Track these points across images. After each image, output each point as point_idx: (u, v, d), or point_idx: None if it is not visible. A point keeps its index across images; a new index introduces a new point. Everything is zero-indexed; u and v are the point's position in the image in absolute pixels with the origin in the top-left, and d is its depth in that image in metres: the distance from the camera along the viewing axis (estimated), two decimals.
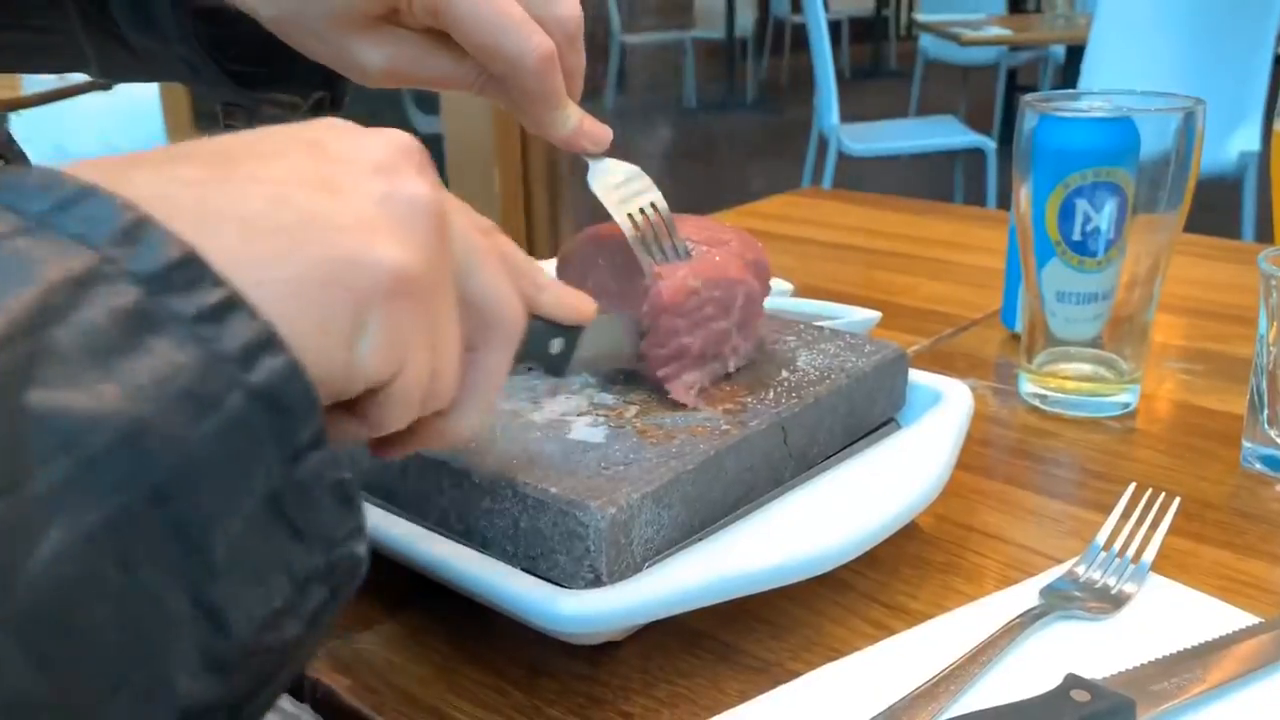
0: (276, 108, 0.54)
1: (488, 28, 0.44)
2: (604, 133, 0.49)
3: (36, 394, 0.21)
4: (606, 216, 0.50)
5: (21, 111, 2.57)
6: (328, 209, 0.29)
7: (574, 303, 0.40)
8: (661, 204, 0.50)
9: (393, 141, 0.32)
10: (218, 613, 0.24)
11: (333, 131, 0.32)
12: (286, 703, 0.44)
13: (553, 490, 0.42)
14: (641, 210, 0.49)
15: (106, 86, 2.61)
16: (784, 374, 0.53)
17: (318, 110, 0.56)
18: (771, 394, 0.51)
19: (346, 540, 0.27)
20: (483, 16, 0.44)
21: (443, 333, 0.32)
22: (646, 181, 0.50)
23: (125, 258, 0.23)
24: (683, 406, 0.49)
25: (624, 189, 0.50)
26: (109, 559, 0.22)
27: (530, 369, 0.44)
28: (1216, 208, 2.02)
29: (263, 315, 0.25)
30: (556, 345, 0.41)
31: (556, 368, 0.42)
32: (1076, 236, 0.64)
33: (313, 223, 0.28)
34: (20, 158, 0.54)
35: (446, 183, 0.40)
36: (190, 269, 0.24)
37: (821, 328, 0.59)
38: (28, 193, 0.24)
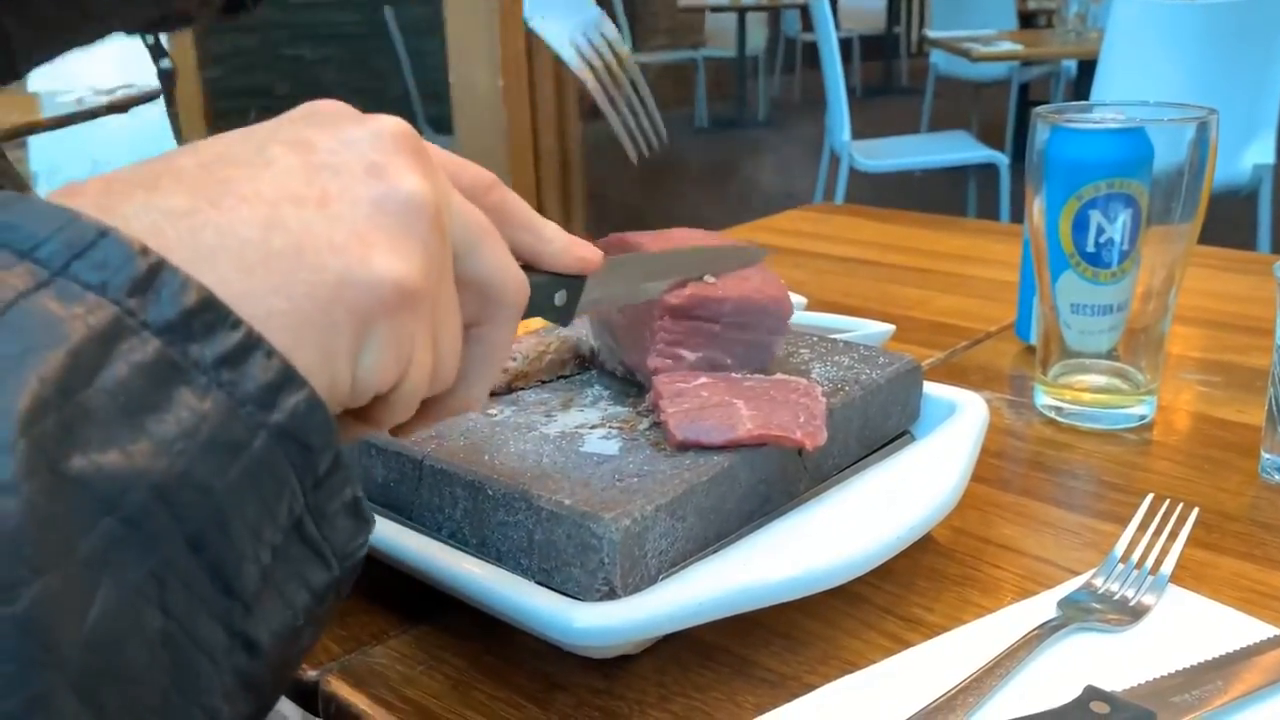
0: (185, 2, 0.52)
1: None
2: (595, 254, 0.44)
3: (76, 460, 0.22)
4: (620, 230, 0.50)
5: (40, 135, 2.59)
6: (321, 226, 0.28)
7: (579, 254, 0.39)
8: (610, 32, 0.47)
9: (382, 132, 0.31)
10: (251, 639, 0.25)
11: (318, 125, 0.31)
12: (299, 716, 0.44)
13: (566, 502, 0.42)
14: (593, 45, 0.46)
15: (123, 109, 2.64)
16: None
17: (236, 8, 0.55)
18: None
19: (358, 550, 0.28)
20: None
21: (444, 325, 0.32)
22: (591, 8, 0.47)
23: (144, 308, 0.24)
24: None
25: (568, 21, 0.46)
26: (153, 607, 0.23)
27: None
28: (1231, 221, 2.02)
29: (279, 352, 0.25)
30: (560, 298, 0.40)
31: (562, 318, 0.41)
32: (1090, 248, 0.64)
33: (307, 245, 0.28)
34: (17, 182, 0.54)
35: None
36: (208, 313, 0.24)
37: (835, 340, 0.59)
38: (38, 235, 0.24)
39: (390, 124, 0.32)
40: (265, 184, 0.28)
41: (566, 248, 0.39)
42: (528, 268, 0.37)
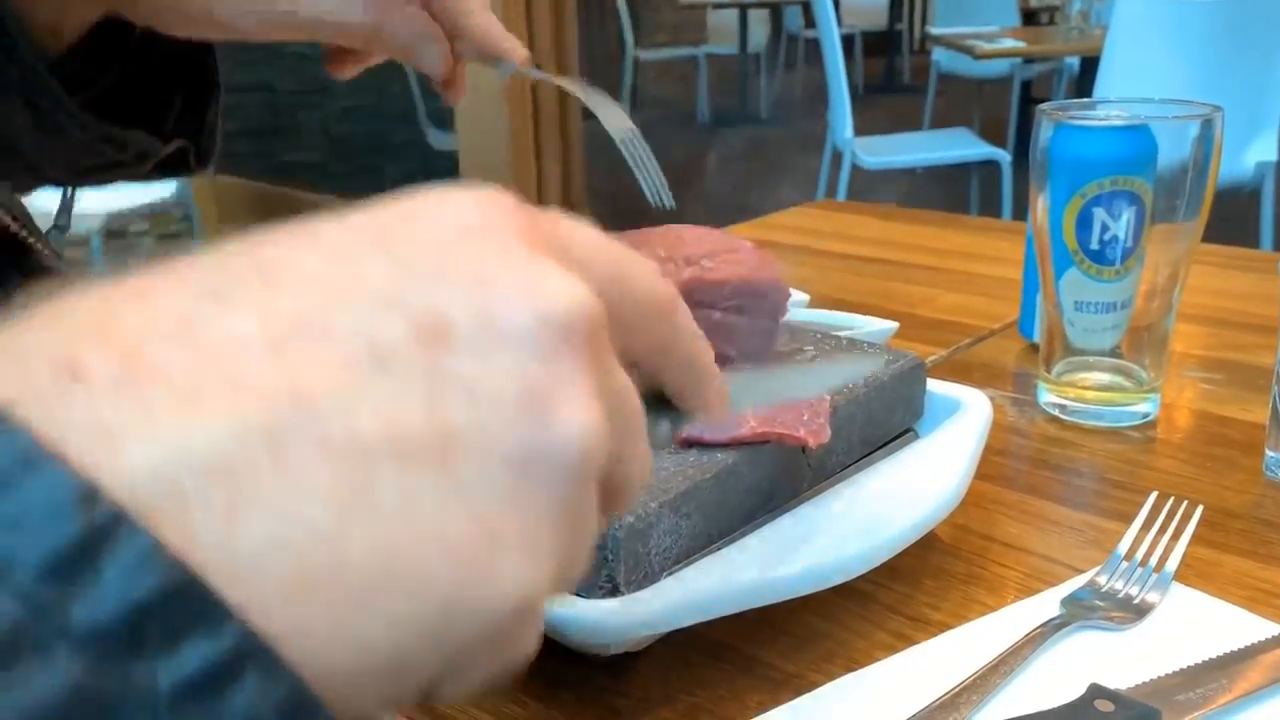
0: (120, 153, 0.47)
1: None
2: (521, 51, 0.51)
3: None
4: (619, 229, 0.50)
5: None
6: (432, 508, 0.17)
7: (718, 400, 0.29)
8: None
9: (553, 315, 0.20)
10: None
11: (465, 279, 0.19)
12: None
13: None
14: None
15: None
16: None
17: (177, 165, 0.50)
18: None
19: None
20: None
21: (570, 569, 0.21)
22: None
23: (66, 602, 0.14)
24: None
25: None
26: None
27: None
28: (1234, 219, 2.01)
29: (292, 673, 0.16)
30: (664, 429, 0.31)
31: (655, 448, 0.33)
32: (1094, 246, 0.64)
33: (406, 548, 0.17)
34: (30, 226, 0.48)
35: None
36: (178, 606, 0.15)
37: (839, 337, 0.59)
38: None
39: (568, 298, 0.20)
40: (364, 412, 0.17)
41: (715, 403, 0.29)
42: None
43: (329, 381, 0.17)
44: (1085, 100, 0.69)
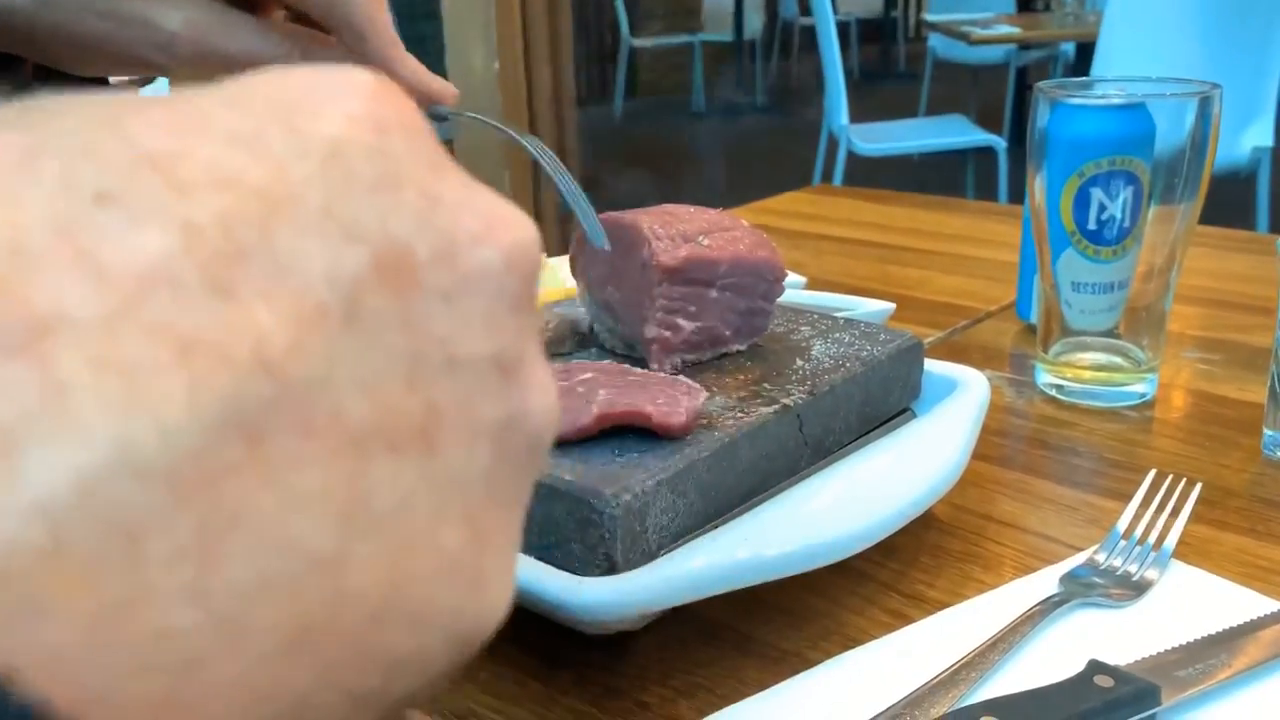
0: None
1: None
2: (451, 88, 0.46)
3: None
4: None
5: None
6: (428, 520, 0.14)
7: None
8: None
9: (516, 259, 0.16)
10: None
11: (396, 182, 0.15)
12: None
13: (567, 477, 0.42)
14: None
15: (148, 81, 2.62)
16: (799, 363, 0.52)
17: None
18: (786, 382, 0.50)
19: None
20: None
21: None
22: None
23: None
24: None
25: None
26: None
27: None
28: (1230, 204, 2.01)
29: None
30: None
31: None
32: (1092, 226, 0.63)
33: (405, 573, 0.14)
34: None
35: None
36: None
37: (836, 317, 0.59)
38: None
39: (528, 233, 0.16)
40: (347, 385, 0.13)
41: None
42: None
43: (297, 339, 0.12)
44: (1083, 79, 0.69)
